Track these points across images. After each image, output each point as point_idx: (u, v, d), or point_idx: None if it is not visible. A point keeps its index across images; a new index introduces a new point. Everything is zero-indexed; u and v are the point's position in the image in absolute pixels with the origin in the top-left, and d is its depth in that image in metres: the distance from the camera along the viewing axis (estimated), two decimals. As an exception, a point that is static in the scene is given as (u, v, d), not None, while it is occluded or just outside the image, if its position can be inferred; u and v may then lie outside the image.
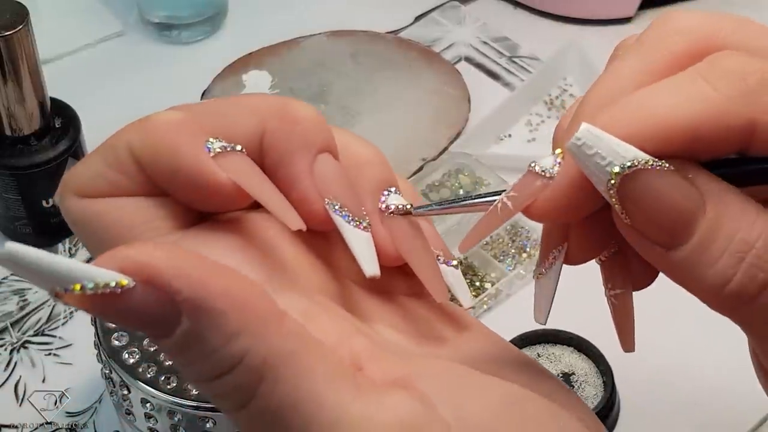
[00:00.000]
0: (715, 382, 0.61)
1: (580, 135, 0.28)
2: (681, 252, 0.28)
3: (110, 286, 0.25)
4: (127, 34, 0.82)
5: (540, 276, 0.33)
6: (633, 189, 0.28)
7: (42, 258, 0.25)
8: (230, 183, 0.30)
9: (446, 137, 0.74)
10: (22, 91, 0.62)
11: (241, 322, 0.26)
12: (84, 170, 0.31)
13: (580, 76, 0.79)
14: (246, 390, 0.27)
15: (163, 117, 0.31)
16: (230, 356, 0.26)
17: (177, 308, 0.26)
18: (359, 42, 0.80)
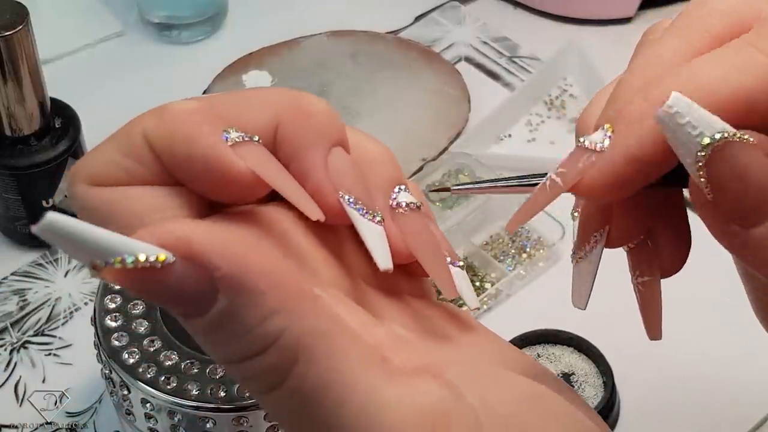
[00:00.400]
0: (715, 383, 0.61)
1: (673, 102, 0.27)
2: (759, 230, 0.28)
3: (150, 260, 0.24)
4: (127, 34, 0.82)
5: (580, 260, 0.32)
6: (720, 162, 0.27)
7: (84, 229, 0.24)
8: (249, 172, 0.29)
9: (446, 137, 0.74)
10: (22, 91, 0.62)
11: (278, 301, 0.26)
12: (96, 158, 0.31)
13: (580, 76, 0.78)
14: (279, 371, 0.26)
15: (180, 105, 0.30)
16: (265, 335, 0.26)
17: (214, 285, 0.25)
18: (359, 42, 0.80)
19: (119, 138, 0.31)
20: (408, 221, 0.32)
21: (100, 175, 0.31)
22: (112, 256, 0.24)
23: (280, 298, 0.26)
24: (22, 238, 0.68)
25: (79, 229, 0.24)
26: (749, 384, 0.61)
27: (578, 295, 0.33)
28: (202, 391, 0.49)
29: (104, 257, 0.24)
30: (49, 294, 0.65)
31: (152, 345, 0.50)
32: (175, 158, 0.30)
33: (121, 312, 0.52)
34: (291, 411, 0.27)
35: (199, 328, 0.26)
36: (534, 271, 0.67)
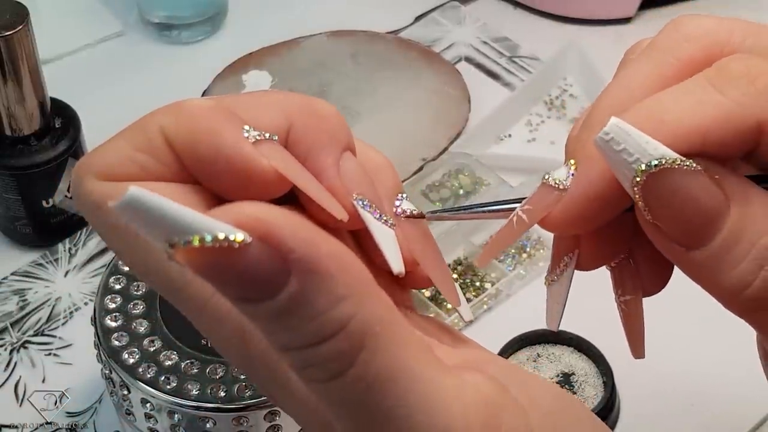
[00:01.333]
0: (715, 383, 0.61)
1: (609, 129, 0.28)
2: (702, 253, 0.28)
3: (229, 239, 0.24)
4: (127, 34, 0.82)
5: (552, 282, 0.33)
6: (658, 187, 0.28)
7: (166, 204, 0.23)
8: (272, 170, 0.29)
9: (446, 137, 0.74)
10: (22, 91, 0.62)
11: (348, 287, 0.25)
12: (109, 152, 0.30)
13: (580, 76, 0.78)
14: (345, 357, 0.26)
15: (197, 103, 0.30)
16: (334, 320, 0.25)
17: (287, 268, 0.25)
18: (359, 42, 0.80)
19: (132, 133, 0.30)
20: (411, 228, 0.33)
21: (112, 170, 0.30)
22: (192, 234, 0.23)
23: (350, 284, 0.25)
24: (22, 238, 0.68)
25: (161, 203, 0.23)
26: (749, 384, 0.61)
27: (551, 317, 0.33)
28: (202, 391, 0.49)
29: (184, 234, 0.23)
30: (49, 294, 0.65)
31: (152, 345, 0.50)
32: (197, 156, 0.29)
33: (121, 312, 0.52)
34: (352, 400, 0.26)
35: (264, 312, 0.25)
36: (534, 270, 0.67)
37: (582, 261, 0.32)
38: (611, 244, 0.32)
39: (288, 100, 0.32)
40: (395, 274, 0.31)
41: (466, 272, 0.66)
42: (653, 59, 0.31)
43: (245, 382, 0.49)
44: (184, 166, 0.30)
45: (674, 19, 0.31)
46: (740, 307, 0.29)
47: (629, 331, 0.33)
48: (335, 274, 0.25)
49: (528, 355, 0.60)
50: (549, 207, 0.30)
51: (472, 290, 0.65)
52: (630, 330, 0.33)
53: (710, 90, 0.28)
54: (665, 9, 0.84)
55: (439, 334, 0.34)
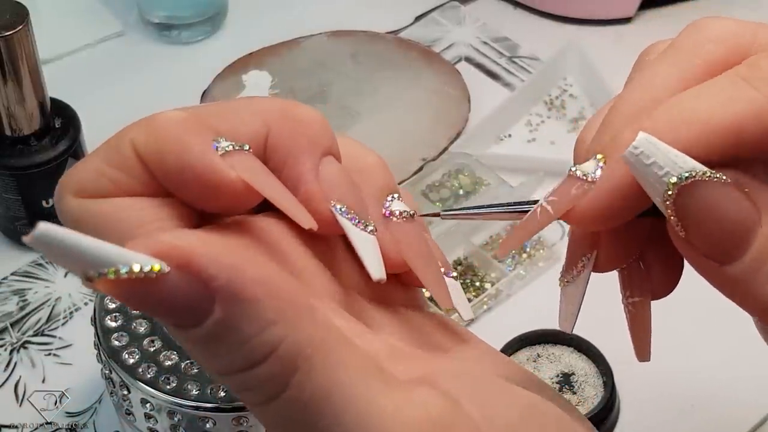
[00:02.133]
0: (715, 383, 0.61)
1: (638, 144, 0.27)
2: (735, 268, 0.28)
3: (145, 271, 0.24)
4: (127, 35, 0.82)
5: (567, 284, 0.32)
6: (690, 201, 0.28)
7: (77, 239, 0.23)
8: (240, 181, 0.29)
9: (446, 137, 0.74)
10: (22, 91, 0.62)
11: (276, 311, 0.25)
12: (84, 169, 0.31)
13: (580, 76, 0.78)
14: (278, 381, 0.26)
15: (168, 115, 0.30)
16: (263, 345, 0.25)
17: (210, 296, 0.25)
18: (359, 42, 0.80)
19: (106, 149, 0.30)
20: (401, 230, 0.32)
21: (88, 187, 0.30)
22: (106, 267, 0.24)
23: (278, 308, 0.25)
24: (22, 238, 0.68)
25: (72, 238, 0.23)
26: (749, 384, 0.61)
27: (565, 318, 0.33)
28: (202, 391, 0.49)
29: (98, 267, 0.24)
30: (49, 294, 0.65)
31: (152, 345, 0.50)
32: (165, 168, 0.29)
33: (121, 312, 0.52)
34: (289, 422, 0.26)
35: (193, 339, 0.26)
36: (534, 271, 0.67)
37: (600, 263, 0.31)
38: (628, 247, 0.31)
39: (267, 107, 0.31)
40: (374, 281, 0.31)
41: (466, 272, 0.66)
42: (677, 60, 0.30)
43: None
44: (156, 179, 0.30)
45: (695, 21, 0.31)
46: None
47: (635, 334, 0.33)
48: (262, 299, 0.25)
49: (528, 356, 0.60)
50: (575, 199, 0.29)
51: (472, 290, 0.65)
52: (636, 332, 0.33)
53: (743, 85, 0.28)
54: (665, 9, 0.84)
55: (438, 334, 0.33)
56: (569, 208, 0.30)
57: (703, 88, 0.29)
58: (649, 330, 0.32)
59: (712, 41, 0.30)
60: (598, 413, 0.57)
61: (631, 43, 0.82)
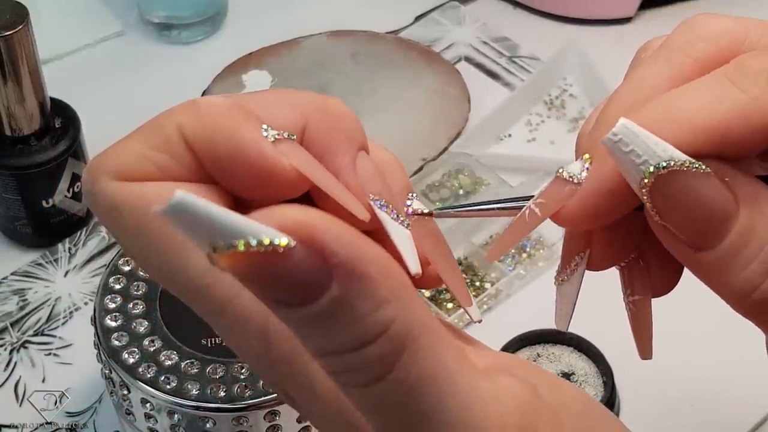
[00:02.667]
0: (715, 383, 0.61)
1: (617, 130, 0.28)
2: (710, 255, 0.28)
3: (274, 243, 0.23)
4: (127, 34, 0.82)
5: (561, 282, 0.33)
6: (666, 189, 0.28)
7: (209, 209, 0.23)
8: (293, 169, 0.29)
9: (446, 137, 0.74)
10: (22, 91, 0.62)
11: (390, 290, 0.25)
12: (124, 152, 0.30)
13: (580, 76, 0.78)
14: (386, 361, 0.25)
15: (215, 101, 0.30)
16: (377, 324, 0.25)
17: (329, 272, 0.25)
18: (359, 42, 0.80)
19: (148, 132, 0.30)
20: (423, 228, 0.32)
21: (129, 170, 0.30)
22: (237, 238, 0.23)
23: (392, 288, 0.25)
24: (22, 238, 0.68)
25: (208, 208, 0.23)
26: (749, 384, 0.61)
27: (561, 317, 0.33)
28: (202, 391, 0.49)
29: (230, 238, 0.23)
30: (49, 294, 0.65)
31: (152, 345, 0.50)
32: (215, 155, 0.29)
33: (121, 312, 0.52)
34: (392, 404, 0.26)
35: (305, 317, 0.25)
36: (534, 270, 0.67)
37: (593, 261, 0.32)
38: (622, 244, 0.31)
39: (303, 99, 0.32)
40: (413, 275, 0.31)
41: (466, 272, 0.66)
42: (668, 58, 0.30)
43: (245, 382, 0.49)
44: (201, 165, 0.30)
45: (688, 18, 0.31)
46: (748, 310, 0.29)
47: (637, 332, 0.33)
48: (378, 278, 0.25)
49: (528, 355, 0.60)
50: (562, 200, 0.30)
51: (472, 290, 0.65)
52: (638, 331, 0.33)
53: (729, 86, 0.28)
54: (665, 9, 0.84)
55: None
56: (557, 209, 0.30)
57: (689, 87, 0.29)
58: (650, 328, 0.32)
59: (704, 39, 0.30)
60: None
61: (631, 43, 0.81)
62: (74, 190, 0.66)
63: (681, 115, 0.28)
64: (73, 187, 0.66)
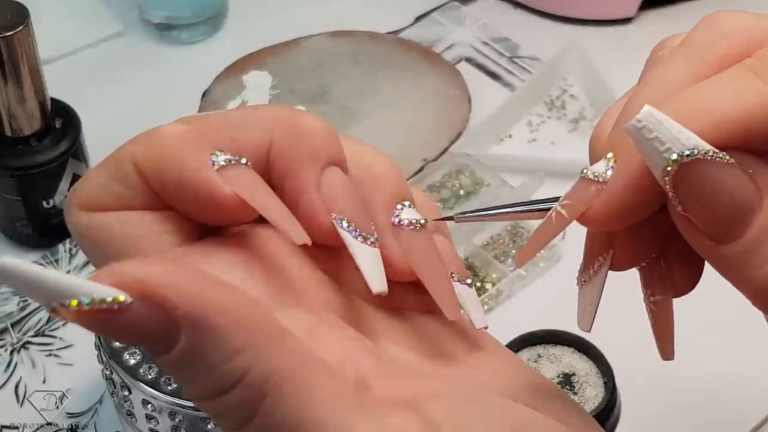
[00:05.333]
0: (716, 383, 0.61)
1: (641, 117, 0.27)
2: (732, 248, 0.28)
3: (107, 301, 0.24)
4: (128, 35, 0.82)
5: (584, 283, 0.32)
6: (689, 178, 0.27)
7: (38, 273, 0.24)
8: (234, 196, 0.29)
9: (447, 138, 0.74)
10: (22, 92, 0.62)
11: (242, 340, 0.26)
12: (89, 183, 0.31)
13: (581, 76, 0.78)
14: (247, 408, 0.26)
15: (167, 129, 0.30)
16: (230, 374, 0.26)
17: (176, 325, 0.25)
18: (360, 42, 0.80)
19: (109, 163, 0.31)
20: (409, 239, 0.32)
21: (92, 201, 0.30)
22: (68, 298, 0.24)
23: (244, 337, 0.26)
24: (22, 238, 0.68)
25: (32, 272, 0.24)
26: (750, 384, 0.61)
27: (583, 317, 0.33)
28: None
29: (60, 299, 0.24)
30: (49, 294, 0.65)
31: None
32: (163, 183, 0.30)
33: (122, 312, 0.52)
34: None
35: (165, 364, 0.26)
36: (535, 271, 0.67)
37: (617, 261, 0.31)
38: (645, 244, 0.31)
39: (271, 116, 0.31)
40: (374, 294, 0.31)
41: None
42: (690, 56, 0.30)
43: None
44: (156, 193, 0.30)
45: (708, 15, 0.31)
46: None
47: (658, 332, 0.32)
48: (228, 327, 0.25)
49: (529, 356, 0.60)
50: (588, 201, 0.29)
51: (472, 291, 0.65)
52: (659, 331, 0.32)
53: (752, 78, 0.28)
54: (666, 9, 0.84)
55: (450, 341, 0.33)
56: (584, 210, 0.29)
57: (712, 80, 0.29)
58: (671, 328, 0.32)
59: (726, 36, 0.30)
60: (599, 414, 0.57)
61: (632, 43, 0.82)
62: (75, 191, 0.66)
63: (704, 106, 0.28)
64: (74, 187, 0.66)
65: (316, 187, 0.31)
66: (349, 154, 0.32)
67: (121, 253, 0.30)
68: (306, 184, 0.31)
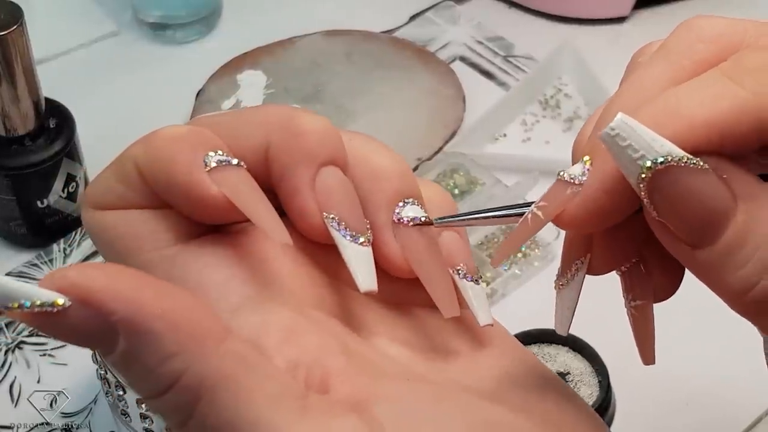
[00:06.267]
0: (711, 382, 0.61)
1: (615, 125, 0.28)
2: (707, 253, 0.28)
3: (46, 304, 0.26)
4: (122, 34, 0.82)
5: (562, 287, 0.32)
6: (663, 185, 0.28)
7: None
8: (221, 196, 0.30)
9: (441, 137, 0.74)
10: (16, 92, 0.62)
11: (177, 344, 0.27)
12: (98, 183, 0.32)
13: (575, 75, 0.79)
14: (184, 409, 0.27)
15: (165, 131, 0.31)
16: (167, 376, 0.27)
17: (113, 328, 0.26)
18: (354, 41, 0.80)
19: (114, 164, 0.32)
20: (408, 237, 0.32)
21: (101, 200, 0.32)
22: (11, 302, 0.26)
23: (179, 341, 0.27)
24: (16, 238, 0.68)
25: None
26: (744, 383, 0.61)
27: (560, 322, 0.33)
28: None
29: (4, 302, 0.26)
30: (43, 294, 0.65)
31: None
32: (158, 183, 0.31)
33: (116, 312, 0.52)
34: None
35: (111, 364, 0.28)
36: (529, 270, 0.67)
37: (593, 265, 0.31)
38: (623, 249, 0.31)
39: (269, 117, 0.32)
40: (363, 293, 0.31)
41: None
42: (666, 61, 0.30)
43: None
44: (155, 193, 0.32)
45: (686, 20, 0.31)
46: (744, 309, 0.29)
47: (639, 337, 0.32)
48: (163, 332, 0.27)
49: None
50: (564, 203, 0.29)
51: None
52: (640, 336, 0.32)
53: (727, 82, 0.28)
54: (660, 8, 0.84)
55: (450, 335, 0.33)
56: (559, 212, 0.30)
57: (688, 85, 0.29)
58: (652, 333, 0.32)
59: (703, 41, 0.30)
60: (593, 412, 0.57)
61: (627, 43, 0.82)
62: (69, 191, 0.66)
63: (680, 111, 0.28)
64: (68, 187, 0.66)
65: (309, 187, 0.31)
66: (353, 151, 0.33)
67: (125, 250, 0.32)
68: (300, 184, 0.31)
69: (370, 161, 0.33)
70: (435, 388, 0.31)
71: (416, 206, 0.33)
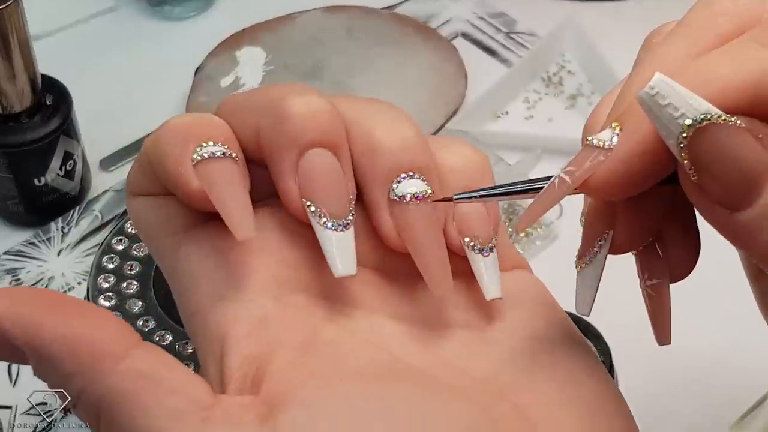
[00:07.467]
0: (715, 362, 0.61)
1: (654, 84, 0.27)
2: (745, 215, 0.28)
3: None
4: (119, 10, 0.81)
5: (584, 266, 0.32)
6: (703, 144, 0.27)
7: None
8: (200, 190, 0.31)
9: (443, 114, 0.73)
10: (12, 68, 0.61)
11: (74, 365, 0.28)
12: (132, 170, 0.34)
13: (578, 52, 0.78)
14: (91, 424, 0.29)
15: (171, 122, 0.32)
16: (70, 394, 0.29)
17: (20, 350, 0.29)
18: (354, 17, 0.79)
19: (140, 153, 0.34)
20: (402, 212, 0.32)
21: (132, 187, 0.34)
22: None
23: (78, 362, 0.28)
24: (13, 216, 0.67)
25: None
26: (747, 365, 0.61)
27: (583, 301, 0.33)
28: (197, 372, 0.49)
29: None
30: (41, 273, 0.65)
31: (146, 325, 0.50)
32: (158, 174, 0.32)
33: (115, 292, 0.51)
34: None
35: None
36: (531, 249, 0.66)
37: (616, 242, 0.31)
38: (644, 225, 0.31)
39: (261, 101, 0.32)
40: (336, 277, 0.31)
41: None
42: (688, 37, 0.30)
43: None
44: None
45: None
46: None
47: (655, 317, 0.32)
48: (60, 355, 0.28)
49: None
50: (593, 167, 0.29)
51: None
52: (656, 315, 0.32)
53: (757, 47, 0.28)
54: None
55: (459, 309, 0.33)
56: (587, 176, 0.29)
57: (717, 52, 0.29)
58: (668, 313, 0.32)
59: (724, 15, 0.30)
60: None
61: (630, 19, 0.81)
62: (66, 169, 0.66)
63: (711, 75, 0.28)
64: (66, 165, 0.65)
65: (290, 172, 0.32)
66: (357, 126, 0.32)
67: (146, 235, 0.34)
68: (282, 168, 0.32)
69: (369, 135, 0.32)
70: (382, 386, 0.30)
71: (417, 180, 0.32)
